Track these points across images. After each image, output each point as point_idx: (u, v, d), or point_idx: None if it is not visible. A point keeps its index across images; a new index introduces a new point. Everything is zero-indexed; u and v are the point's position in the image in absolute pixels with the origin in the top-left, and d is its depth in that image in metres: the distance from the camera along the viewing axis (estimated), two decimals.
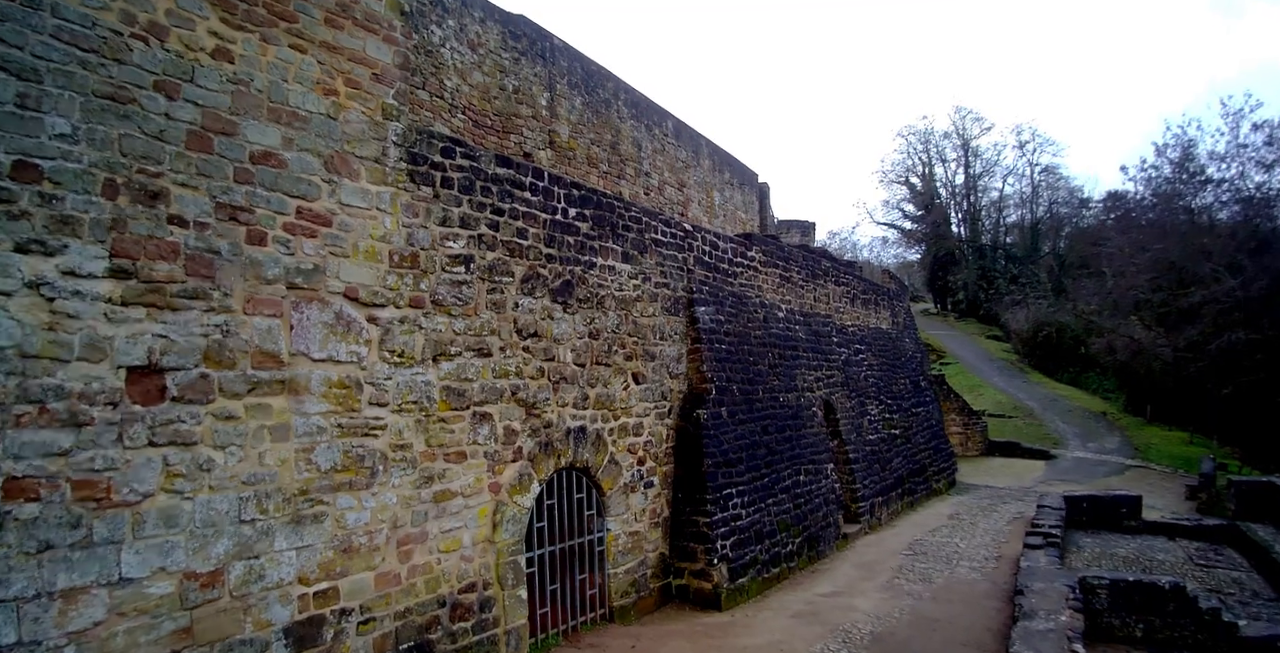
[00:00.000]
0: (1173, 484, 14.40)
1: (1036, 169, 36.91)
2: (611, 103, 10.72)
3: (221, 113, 4.02)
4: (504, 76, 8.92)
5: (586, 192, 6.41)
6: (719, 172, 13.82)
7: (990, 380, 23.57)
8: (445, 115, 8.03)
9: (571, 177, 9.90)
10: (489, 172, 5.53)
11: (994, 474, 14.89)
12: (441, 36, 8.10)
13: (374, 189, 4.78)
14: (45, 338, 3.37)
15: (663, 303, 7.37)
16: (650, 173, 11.45)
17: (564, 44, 9.95)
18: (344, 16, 4.66)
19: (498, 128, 8.73)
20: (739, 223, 14.47)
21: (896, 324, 13.74)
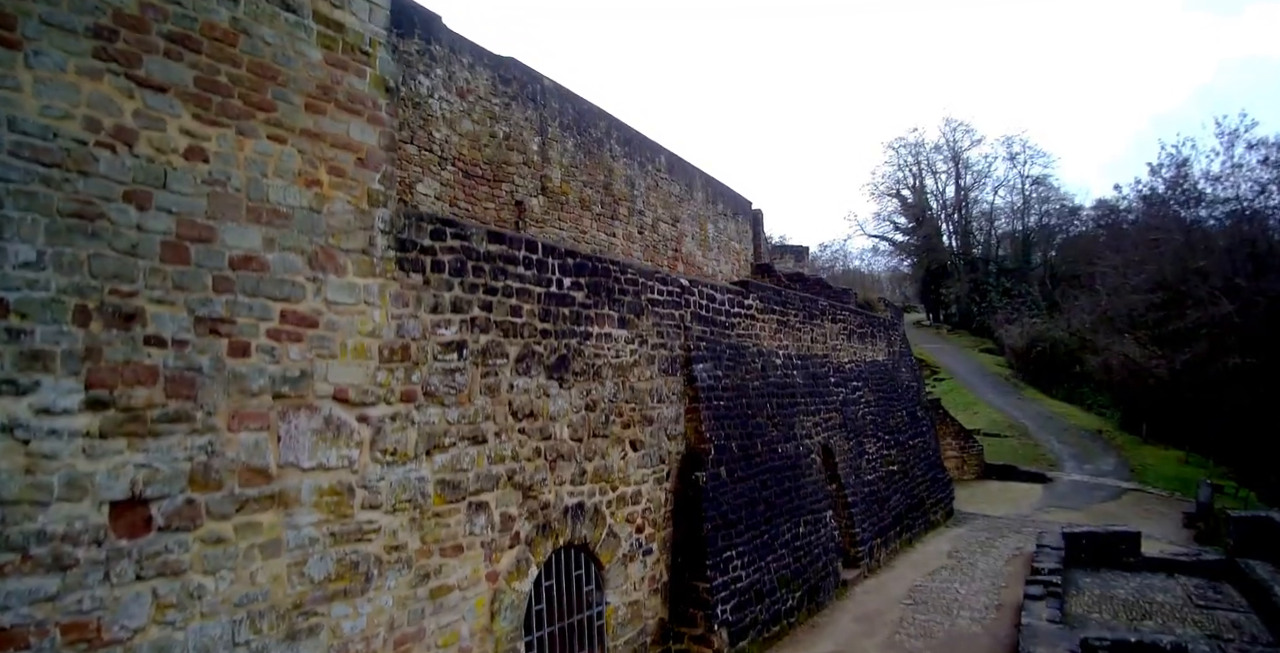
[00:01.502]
0: (1170, 509, 14.42)
1: (1027, 181, 37.17)
2: (604, 142, 10.56)
3: (198, 219, 3.82)
4: (494, 123, 8.74)
5: (582, 259, 6.25)
6: (713, 203, 13.70)
7: (985, 397, 23.60)
8: (434, 168, 7.85)
9: (564, 222, 9.76)
10: (481, 250, 5.37)
11: (991, 500, 14.86)
12: (429, 87, 7.92)
13: (361, 282, 4.60)
14: (23, 482, 3.19)
15: (660, 364, 7.22)
16: (644, 211, 11.30)
17: (554, 85, 9.78)
18: (326, 100, 4.45)
19: (488, 177, 8.55)
20: (733, 254, 14.36)
21: (892, 354, 13.67)
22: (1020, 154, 37.64)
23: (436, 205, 7.81)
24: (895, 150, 40.86)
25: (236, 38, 3.99)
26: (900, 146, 40.51)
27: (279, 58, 4.20)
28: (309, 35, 4.37)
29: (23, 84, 3.31)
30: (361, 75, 4.66)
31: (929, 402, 15.68)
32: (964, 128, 39.07)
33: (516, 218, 8.75)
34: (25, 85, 3.31)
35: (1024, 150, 38.33)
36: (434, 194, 7.78)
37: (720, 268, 13.77)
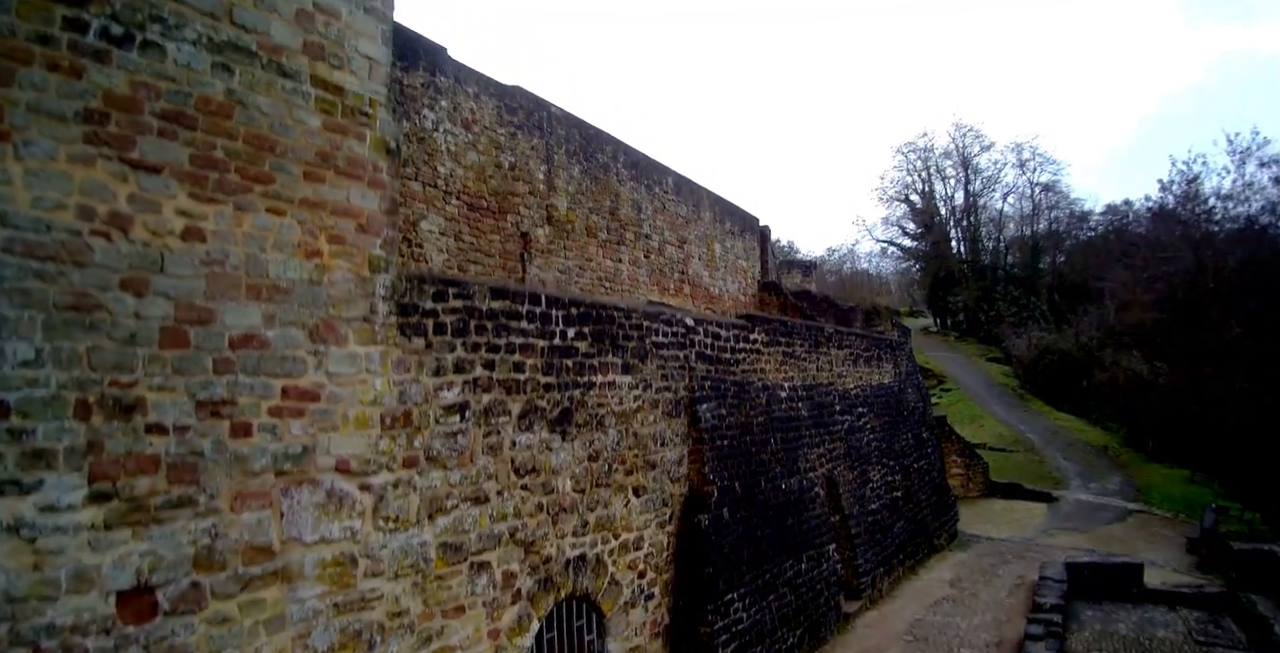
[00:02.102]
0: (1174, 533, 14.33)
1: (1037, 188, 36.83)
2: (610, 166, 10.44)
3: (196, 301, 3.76)
4: (500, 153, 8.64)
5: (586, 307, 6.17)
6: (720, 222, 13.58)
7: (991, 409, 23.47)
8: (439, 204, 7.77)
9: (570, 251, 9.67)
10: (484, 308, 5.30)
11: (995, 520, 14.80)
12: (434, 120, 7.82)
13: (363, 351, 4.53)
14: (32, 579, 3.16)
15: (664, 407, 7.16)
16: (650, 234, 11.20)
17: (561, 112, 9.65)
18: (325, 167, 4.36)
19: (494, 209, 8.47)
20: (740, 272, 14.25)
21: (899, 375, 13.56)
22: (1030, 161, 37.35)
23: (441, 241, 7.74)
24: (905, 155, 40.68)
25: (232, 110, 3.90)
26: (910, 152, 40.29)
27: (276, 127, 4.11)
28: (307, 101, 4.27)
29: (13, 176, 3.23)
30: (362, 139, 4.57)
31: (934, 420, 15.59)
32: (974, 133, 38.69)
33: (522, 250, 8.67)
34: (15, 178, 3.24)
35: (1034, 157, 38.05)
36: (438, 230, 7.71)
37: (727, 287, 13.67)
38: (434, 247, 7.63)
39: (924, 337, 35.48)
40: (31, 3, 3.22)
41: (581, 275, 9.59)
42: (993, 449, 19.59)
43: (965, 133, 38.56)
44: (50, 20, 3.27)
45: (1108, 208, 37.43)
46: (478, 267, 8.16)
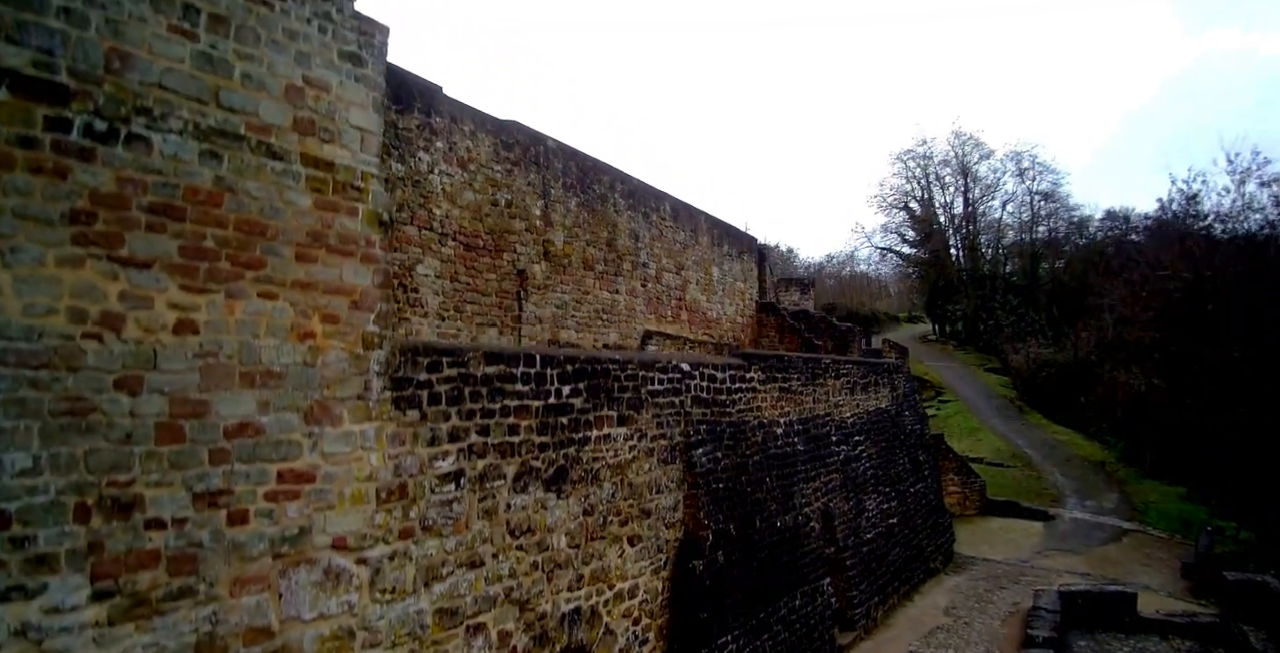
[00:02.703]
0: (1169, 555, 14.40)
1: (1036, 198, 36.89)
2: (608, 197, 10.43)
3: (191, 394, 3.76)
4: (496, 191, 8.63)
5: (581, 363, 6.18)
6: (717, 245, 13.57)
7: (989, 422, 23.51)
8: (434, 247, 7.76)
9: (566, 285, 9.67)
10: (478, 374, 5.30)
11: (992, 540, 14.86)
12: (430, 162, 7.81)
13: (358, 428, 4.53)
14: None
15: (659, 454, 7.18)
16: (648, 263, 11.20)
17: (558, 144, 9.63)
18: (317, 246, 4.34)
19: (490, 248, 8.46)
20: (737, 294, 14.25)
21: (896, 398, 13.58)
22: (1029, 169, 37.37)
23: (437, 284, 7.74)
24: (904, 163, 40.62)
25: (221, 198, 3.88)
26: (909, 159, 40.21)
27: (267, 211, 4.08)
28: (298, 182, 4.25)
29: (2, 286, 3.20)
30: (354, 214, 4.56)
31: (932, 438, 15.63)
32: (973, 141, 38.58)
33: (518, 288, 8.67)
34: (5, 287, 3.22)
35: (1033, 166, 38.07)
36: (434, 273, 7.71)
37: (725, 311, 13.68)
38: (430, 290, 7.63)
39: (923, 345, 35.58)
40: (10, 104, 3.18)
41: (578, 310, 9.60)
42: (990, 464, 19.64)
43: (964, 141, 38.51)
44: (31, 121, 3.24)
45: (1107, 214, 37.57)
46: (474, 307, 8.17)
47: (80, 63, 3.42)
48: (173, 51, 3.74)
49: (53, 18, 3.34)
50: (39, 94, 3.27)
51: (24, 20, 3.24)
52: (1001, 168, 38.11)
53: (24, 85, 3.22)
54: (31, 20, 3.26)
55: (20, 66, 3.22)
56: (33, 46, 3.26)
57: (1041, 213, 36.68)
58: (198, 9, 3.86)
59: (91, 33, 3.46)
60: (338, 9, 4.65)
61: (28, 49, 3.25)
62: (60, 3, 3.37)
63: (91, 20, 3.47)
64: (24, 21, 3.24)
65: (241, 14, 4.07)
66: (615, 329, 10.36)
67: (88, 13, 3.45)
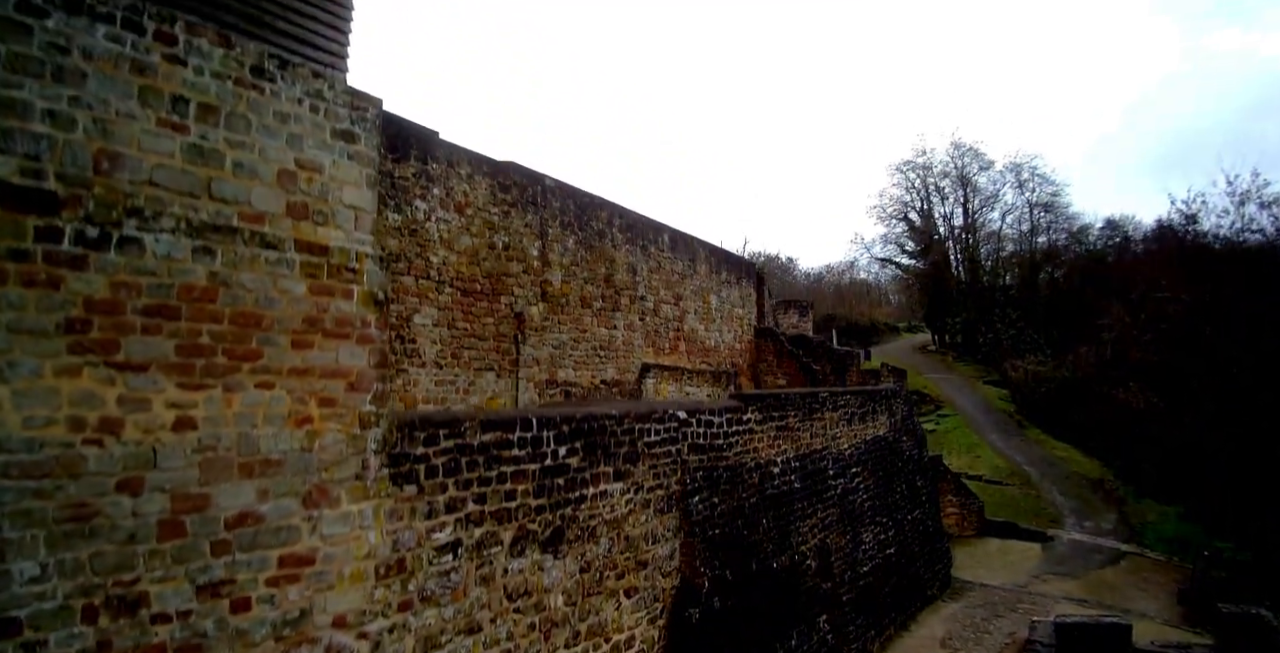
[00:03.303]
0: (1166, 579, 14.44)
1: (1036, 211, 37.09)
2: (605, 232, 10.46)
3: (191, 489, 3.79)
4: (494, 234, 8.66)
5: (578, 422, 6.21)
6: (715, 272, 13.61)
7: (988, 438, 23.54)
8: (432, 295, 7.79)
9: (564, 325, 9.69)
10: (475, 443, 5.33)
11: (989, 563, 14.90)
12: (426, 209, 7.84)
13: (356, 508, 4.56)
14: None
15: (655, 505, 7.21)
16: (646, 296, 11.24)
17: (555, 183, 9.66)
18: (313, 332, 4.35)
19: (487, 291, 8.49)
20: (735, 320, 14.29)
21: (894, 424, 13.61)
22: (1029, 180, 37.55)
23: (434, 332, 7.78)
24: (904, 173, 40.77)
25: (216, 292, 3.89)
26: (909, 170, 40.31)
27: (261, 302, 4.10)
28: (292, 269, 4.26)
29: (2, 402, 3.25)
30: (349, 296, 4.58)
31: (930, 460, 15.68)
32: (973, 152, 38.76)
33: (516, 331, 8.71)
34: (4, 401, 3.25)
35: (1033, 177, 38.28)
36: (432, 321, 7.74)
37: (723, 338, 13.72)
38: (427, 339, 7.66)
39: (923, 356, 35.71)
40: (0, 218, 3.19)
41: (576, 348, 9.63)
42: (989, 482, 19.69)
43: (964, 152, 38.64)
44: (22, 233, 3.25)
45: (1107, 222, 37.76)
46: (471, 352, 8.20)
47: (69, 166, 3.43)
48: (162, 146, 3.76)
49: (38, 122, 3.36)
50: (28, 204, 3.28)
51: (8, 127, 3.26)
52: (1001, 179, 38.36)
53: (13, 196, 3.24)
54: (16, 126, 3.28)
55: (7, 176, 3.23)
56: (19, 154, 3.28)
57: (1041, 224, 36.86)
58: (186, 99, 3.87)
59: (79, 135, 3.48)
60: (329, 86, 4.67)
61: (14, 156, 3.27)
62: (45, 106, 3.38)
63: (79, 122, 3.49)
64: (8, 128, 3.26)
65: (232, 100, 4.08)
66: (613, 365, 10.40)
67: (74, 114, 3.47)
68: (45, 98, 3.36)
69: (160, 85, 3.77)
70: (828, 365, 15.16)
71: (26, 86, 3.32)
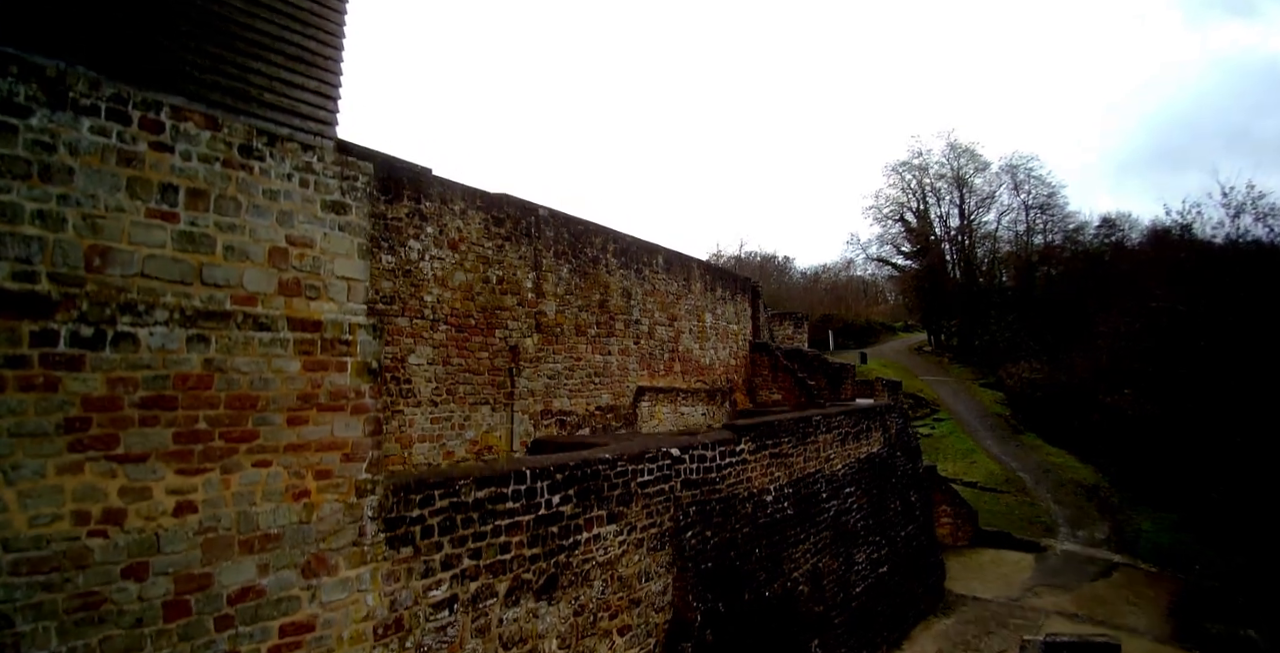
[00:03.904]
0: (1158, 592, 14.61)
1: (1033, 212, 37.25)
2: (600, 258, 10.52)
3: (194, 570, 3.88)
4: (488, 268, 8.72)
5: (571, 470, 6.31)
6: (710, 290, 13.68)
7: (983, 443, 23.71)
8: (426, 334, 7.87)
9: (558, 354, 9.77)
10: (469, 500, 5.43)
11: (983, 575, 15.07)
12: (420, 249, 7.90)
13: (354, 574, 4.67)
14: None
15: (648, 544, 7.33)
16: (640, 319, 11.31)
17: (549, 212, 9.71)
18: (308, 407, 4.43)
19: (482, 326, 8.57)
20: (730, 337, 14.38)
21: (888, 440, 13.73)
22: (1025, 182, 37.64)
23: (429, 371, 7.86)
24: (899, 174, 40.86)
25: (211, 379, 3.98)
26: (905, 171, 40.38)
27: (256, 383, 4.19)
28: (286, 348, 4.34)
29: (8, 503, 3.35)
30: (343, 368, 4.66)
31: (925, 471, 15.82)
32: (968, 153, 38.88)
33: (510, 364, 8.80)
34: (10, 503, 3.36)
35: (1029, 178, 38.40)
36: (426, 360, 7.83)
37: (718, 355, 13.82)
38: (422, 378, 7.75)
39: (919, 358, 35.85)
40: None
41: (570, 377, 9.72)
42: (984, 489, 19.87)
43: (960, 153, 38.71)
44: (18, 339, 3.33)
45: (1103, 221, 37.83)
46: (466, 387, 8.29)
47: (60, 266, 3.49)
48: (153, 237, 3.81)
49: (28, 224, 3.41)
50: (23, 309, 3.34)
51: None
52: (997, 180, 38.50)
53: (8, 301, 3.30)
54: (6, 231, 3.33)
55: (1, 281, 3.28)
56: (11, 258, 3.34)
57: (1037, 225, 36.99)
58: (175, 187, 3.92)
59: (69, 233, 3.53)
60: (319, 158, 4.71)
61: (6, 261, 3.32)
62: (34, 207, 3.43)
63: (69, 220, 3.53)
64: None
65: (221, 183, 4.13)
66: (607, 390, 10.50)
67: (64, 212, 3.52)
68: (34, 199, 3.41)
69: (149, 175, 3.82)
70: (822, 379, 15.28)
71: (15, 189, 3.36)
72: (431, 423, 7.85)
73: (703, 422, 12.94)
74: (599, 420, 10.18)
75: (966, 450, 22.94)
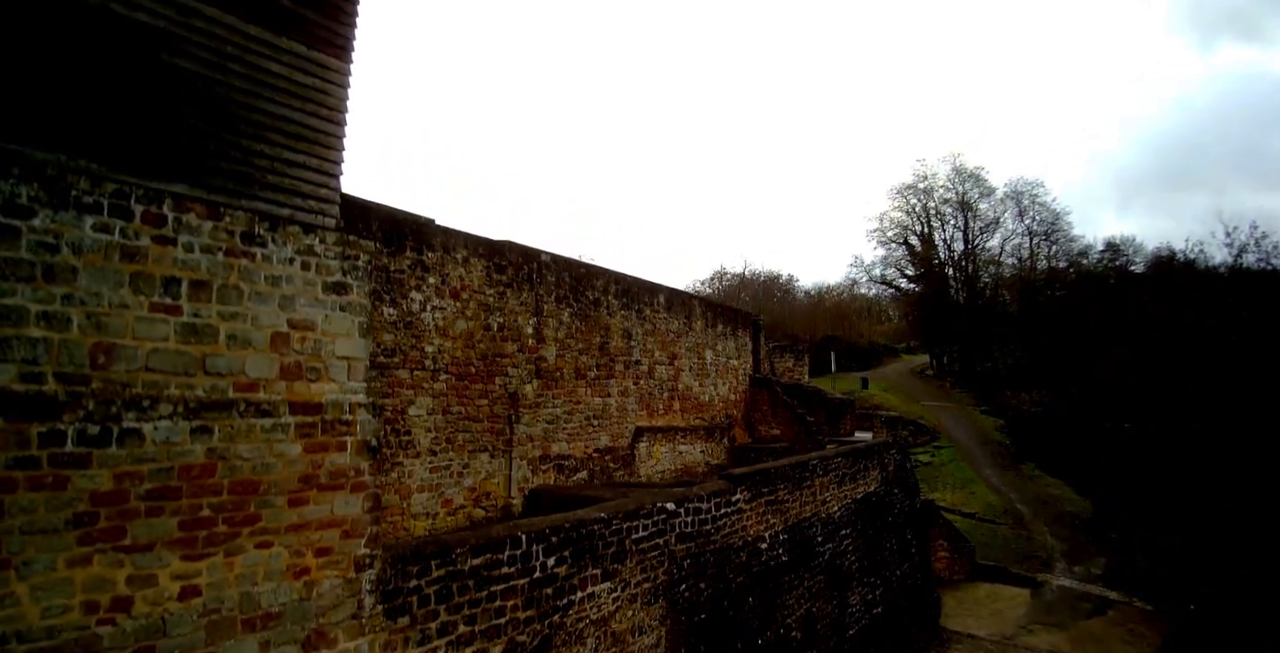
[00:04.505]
0: (1151, 631, 14.58)
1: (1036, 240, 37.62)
2: (601, 300, 10.66)
3: (198, 651, 4.02)
4: (489, 315, 8.86)
5: (566, 531, 6.41)
6: (711, 326, 13.81)
7: (983, 473, 23.71)
8: (427, 384, 8.00)
9: (558, 399, 9.88)
10: (465, 568, 5.53)
11: (978, 611, 15.05)
12: (422, 300, 8.03)
13: (352, 645, 4.75)
14: None
15: (642, 599, 7.41)
16: (640, 359, 11.43)
17: (551, 258, 9.86)
18: (308, 488, 4.52)
19: (482, 374, 8.70)
20: (731, 372, 14.49)
21: (885, 477, 13.78)
22: (1029, 208, 38.00)
23: (429, 420, 7.98)
24: (904, 197, 41.20)
25: (215, 467, 4.07)
26: (909, 194, 40.72)
27: (258, 468, 4.29)
28: (287, 432, 4.44)
29: (20, 597, 3.46)
30: (343, 448, 4.77)
31: (923, 504, 15.85)
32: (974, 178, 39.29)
33: (510, 411, 8.92)
34: (22, 597, 3.47)
35: (1033, 204, 38.77)
36: (426, 410, 7.95)
37: (718, 392, 13.93)
38: (422, 429, 7.87)
39: (920, 382, 35.94)
40: (6, 430, 3.34)
41: (569, 421, 9.84)
42: (981, 520, 19.88)
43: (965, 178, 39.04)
44: (27, 442, 3.41)
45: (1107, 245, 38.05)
46: (465, 435, 8.41)
47: (66, 365, 3.55)
48: (156, 331, 3.88)
49: (33, 326, 3.46)
50: (30, 411, 3.42)
51: (4, 336, 3.36)
52: (1002, 207, 38.87)
53: (16, 405, 3.37)
54: (12, 335, 3.39)
55: (8, 384, 3.36)
56: (17, 360, 3.40)
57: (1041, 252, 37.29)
58: (178, 280, 3.97)
59: (74, 333, 3.59)
60: (320, 240, 4.79)
61: (12, 363, 3.39)
62: (39, 309, 3.48)
63: (73, 320, 3.59)
64: (6, 338, 3.36)
65: (223, 273, 4.18)
66: (606, 433, 10.60)
67: (68, 312, 3.57)
68: (39, 300, 3.47)
69: (151, 269, 3.87)
70: (821, 414, 15.36)
71: (19, 292, 3.42)
72: (430, 472, 7.96)
73: (701, 459, 13.03)
74: (597, 463, 10.27)
75: (965, 480, 22.94)
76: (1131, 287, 31.38)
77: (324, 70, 4.99)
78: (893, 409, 27.14)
